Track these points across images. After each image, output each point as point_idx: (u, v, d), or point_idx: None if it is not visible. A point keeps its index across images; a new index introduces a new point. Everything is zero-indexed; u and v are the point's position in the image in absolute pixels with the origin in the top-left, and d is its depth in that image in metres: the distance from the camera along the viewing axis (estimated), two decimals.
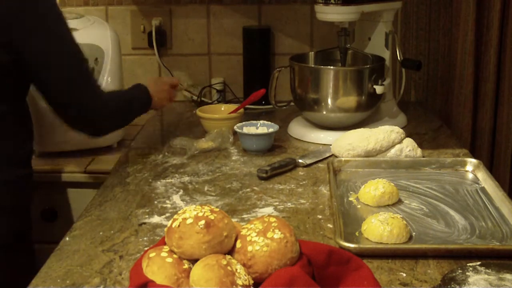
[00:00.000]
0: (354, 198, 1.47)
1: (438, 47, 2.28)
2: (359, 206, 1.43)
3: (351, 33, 2.01)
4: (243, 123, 1.85)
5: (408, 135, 1.81)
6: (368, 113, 1.92)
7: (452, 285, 1.05)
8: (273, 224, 1.05)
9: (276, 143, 1.84)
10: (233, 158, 1.77)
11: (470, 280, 1.05)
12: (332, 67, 1.95)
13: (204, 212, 1.04)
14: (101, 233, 1.33)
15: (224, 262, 0.99)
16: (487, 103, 2.16)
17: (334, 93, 1.86)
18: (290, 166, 1.67)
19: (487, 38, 2.12)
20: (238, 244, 1.04)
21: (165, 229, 1.07)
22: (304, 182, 1.59)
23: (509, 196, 1.41)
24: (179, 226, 1.03)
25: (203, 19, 2.33)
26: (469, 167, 1.63)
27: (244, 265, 1.02)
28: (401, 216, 1.31)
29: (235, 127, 1.82)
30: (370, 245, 1.24)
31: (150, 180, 1.61)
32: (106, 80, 1.86)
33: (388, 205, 1.43)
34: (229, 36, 2.34)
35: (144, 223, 1.37)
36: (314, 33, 2.32)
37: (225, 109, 2.02)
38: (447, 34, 2.25)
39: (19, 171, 1.55)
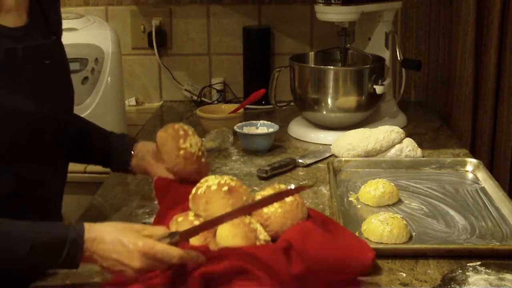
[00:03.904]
0: (354, 198, 1.47)
1: (438, 47, 2.28)
2: (359, 206, 1.43)
3: (351, 33, 2.01)
4: (243, 123, 1.85)
5: (408, 135, 1.81)
6: (368, 113, 1.92)
7: (452, 285, 1.05)
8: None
9: (276, 143, 1.84)
10: (233, 158, 1.76)
11: (470, 280, 1.05)
12: (332, 67, 1.95)
13: (225, 180, 1.20)
14: None
15: (247, 221, 1.13)
16: (487, 103, 2.16)
17: (334, 93, 1.86)
18: (290, 166, 1.67)
19: (487, 38, 2.12)
20: None
21: (190, 196, 1.20)
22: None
23: (509, 196, 1.41)
24: (204, 192, 1.18)
25: (203, 19, 2.33)
26: (469, 167, 1.63)
27: (261, 225, 1.16)
28: (401, 216, 1.31)
29: (235, 127, 1.82)
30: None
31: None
32: (106, 80, 1.86)
33: (388, 205, 1.43)
34: (229, 36, 2.34)
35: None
36: (314, 33, 2.32)
37: (225, 109, 2.02)
38: (447, 34, 2.25)
39: None
